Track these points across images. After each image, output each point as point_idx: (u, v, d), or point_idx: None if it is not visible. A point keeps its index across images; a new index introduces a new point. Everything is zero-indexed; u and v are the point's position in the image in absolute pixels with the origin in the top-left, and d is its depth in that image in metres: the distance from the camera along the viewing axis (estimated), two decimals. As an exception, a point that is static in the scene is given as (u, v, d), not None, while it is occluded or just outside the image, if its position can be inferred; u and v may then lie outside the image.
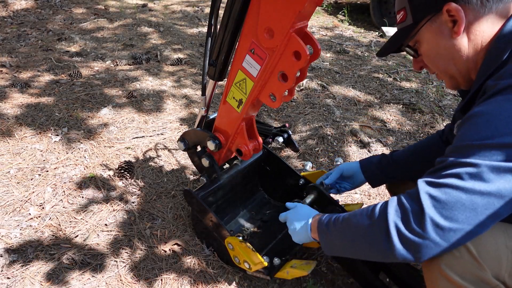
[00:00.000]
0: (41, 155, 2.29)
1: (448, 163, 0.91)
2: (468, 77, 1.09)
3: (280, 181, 1.86)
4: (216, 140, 1.58)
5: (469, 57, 1.04)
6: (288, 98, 1.33)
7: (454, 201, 0.86)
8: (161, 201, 2.02)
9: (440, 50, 1.06)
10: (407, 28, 1.10)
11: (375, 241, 0.98)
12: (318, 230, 1.20)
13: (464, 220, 0.86)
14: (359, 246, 1.05)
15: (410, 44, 1.14)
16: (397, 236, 0.92)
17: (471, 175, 0.86)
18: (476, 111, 0.92)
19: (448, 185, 0.88)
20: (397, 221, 0.93)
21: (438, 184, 0.89)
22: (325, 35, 4.83)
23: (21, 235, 1.76)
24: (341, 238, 1.12)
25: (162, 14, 5.43)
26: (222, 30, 1.39)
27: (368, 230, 1.00)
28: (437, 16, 1.02)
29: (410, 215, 0.91)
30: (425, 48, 1.10)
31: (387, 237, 0.94)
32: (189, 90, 3.20)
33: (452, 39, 1.02)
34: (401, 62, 3.92)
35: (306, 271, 1.43)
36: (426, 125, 2.77)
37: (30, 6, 5.26)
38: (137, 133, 2.56)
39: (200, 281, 1.59)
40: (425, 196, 0.89)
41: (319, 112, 2.91)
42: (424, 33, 1.07)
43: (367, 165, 1.59)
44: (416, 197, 0.91)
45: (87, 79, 3.28)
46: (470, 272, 0.94)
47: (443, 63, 1.09)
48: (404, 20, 1.10)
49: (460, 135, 0.94)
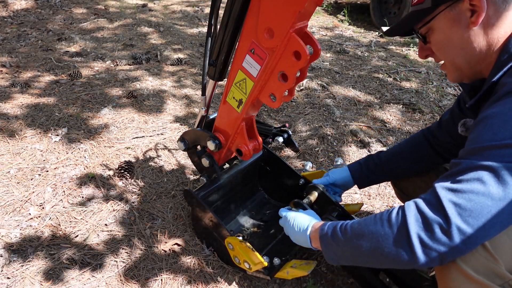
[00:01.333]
0: (41, 155, 2.29)
1: (467, 166, 0.89)
2: (475, 71, 1.07)
3: (280, 181, 1.86)
4: (216, 140, 1.58)
5: (481, 51, 1.01)
6: (288, 98, 1.33)
7: (480, 208, 0.85)
8: (161, 201, 2.02)
9: (453, 39, 1.03)
10: (423, 11, 1.05)
11: (395, 253, 0.94)
12: (321, 241, 1.17)
13: (490, 226, 0.86)
14: (374, 257, 1.01)
15: (420, 30, 1.10)
16: (421, 248, 0.90)
17: (493, 179, 0.84)
18: (491, 112, 0.90)
19: (472, 191, 0.86)
20: (420, 232, 0.90)
21: (460, 190, 0.87)
22: (325, 35, 4.83)
23: (21, 235, 1.76)
24: (351, 249, 1.07)
25: (162, 14, 5.43)
26: (222, 30, 1.39)
27: (386, 241, 0.96)
28: (458, 3, 0.99)
29: (435, 225, 0.88)
30: (437, 35, 1.07)
31: (410, 249, 0.91)
32: (189, 90, 3.20)
33: (468, 29, 0.99)
34: (401, 62, 3.92)
35: (306, 271, 1.43)
36: (426, 125, 2.77)
37: (30, 6, 5.26)
38: (137, 133, 2.56)
39: (200, 281, 1.59)
40: (449, 205, 0.87)
41: (319, 112, 2.91)
42: (439, 19, 1.03)
43: (355, 168, 1.61)
44: (439, 205, 0.89)
45: (87, 79, 3.28)
46: (484, 266, 0.93)
47: (454, 53, 1.06)
48: (421, 2, 1.05)
49: (476, 137, 0.92)
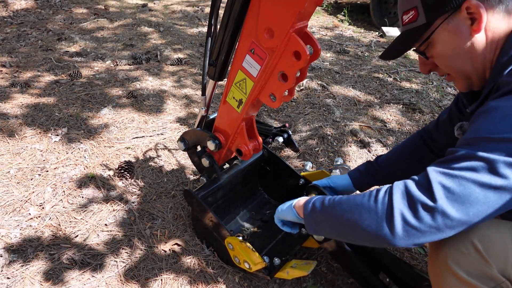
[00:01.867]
0: (41, 155, 2.29)
1: (462, 155, 0.89)
2: (483, 76, 1.06)
3: (280, 181, 1.86)
4: (216, 140, 1.58)
5: (486, 55, 1.01)
6: (288, 98, 1.33)
7: (467, 194, 0.85)
8: (161, 201, 2.02)
9: (458, 50, 1.02)
10: (418, 29, 1.03)
11: (374, 225, 0.94)
12: (304, 207, 1.17)
13: (474, 214, 0.86)
14: (353, 228, 1.01)
15: (420, 48, 1.08)
16: (401, 224, 0.90)
17: (487, 169, 0.84)
18: (492, 105, 0.90)
19: (463, 177, 0.86)
20: (403, 209, 0.90)
21: (452, 175, 0.87)
22: (325, 35, 4.83)
23: (21, 235, 1.76)
24: (333, 217, 1.07)
25: (162, 14, 5.43)
26: (222, 30, 1.39)
27: (368, 214, 0.96)
28: (455, 14, 0.97)
29: (419, 204, 0.88)
30: (439, 49, 1.05)
31: (389, 223, 0.91)
32: (189, 90, 3.20)
33: (471, 37, 0.98)
34: (401, 62, 3.92)
35: (306, 271, 1.43)
36: (426, 125, 2.77)
37: (30, 6, 5.26)
38: (137, 133, 2.56)
39: (200, 281, 1.59)
40: (438, 186, 0.87)
41: (319, 112, 2.91)
42: (439, 33, 1.01)
43: (356, 175, 1.59)
44: (428, 186, 0.89)
45: (87, 79, 3.28)
46: (476, 268, 0.94)
47: (460, 63, 1.04)
48: (414, 20, 1.03)
49: (475, 128, 0.92)
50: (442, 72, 1.12)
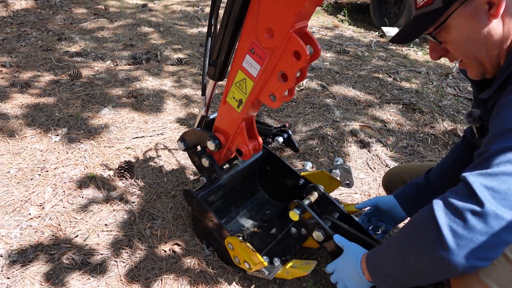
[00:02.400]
0: (41, 155, 2.29)
1: (495, 151, 0.85)
2: (497, 63, 1.02)
3: (280, 181, 1.86)
4: (216, 140, 1.58)
5: (502, 41, 0.97)
6: (288, 98, 1.33)
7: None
8: (161, 201, 2.02)
9: (474, 35, 0.97)
10: (434, 12, 0.98)
11: (433, 254, 0.87)
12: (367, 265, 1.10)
13: None
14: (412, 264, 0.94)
15: (434, 32, 1.04)
16: (453, 240, 0.83)
17: None
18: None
19: (504, 173, 0.81)
20: (451, 223, 0.84)
21: (492, 174, 0.83)
22: (325, 35, 4.83)
23: (21, 235, 1.76)
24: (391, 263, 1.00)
25: (162, 14, 5.43)
26: (222, 30, 1.39)
27: (421, 244, 0.89)
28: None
29: (466, 212, 0.82)
30: (454, 34, 1.00)
31: (442, 244, 0.85)
32: (189, 90, 3.20)
33: (488, 22, 0.95)
34: (401, 62, 3.92)
35: (306, 271, 1.43)
36: (426, 125, 2.77)
37: (30, 6, 5.26)
38: (137, 133, 2.56)
39: (200, 281, 1.59)
40: (481, 189, 0.82)
41: (319, 112, 2.91)
42: (455, 17, 0.97)
43: (406, 202, 1.50)
44: (469, 192, 0.84)
45: (87, 79, 3.28)
46: (508, 279, 0.89)
47: (475, 49, 1.00)
48: (430, 3, 0.98)
49: (500, 122, 0.88)
50: (453, 58, 1.08)
